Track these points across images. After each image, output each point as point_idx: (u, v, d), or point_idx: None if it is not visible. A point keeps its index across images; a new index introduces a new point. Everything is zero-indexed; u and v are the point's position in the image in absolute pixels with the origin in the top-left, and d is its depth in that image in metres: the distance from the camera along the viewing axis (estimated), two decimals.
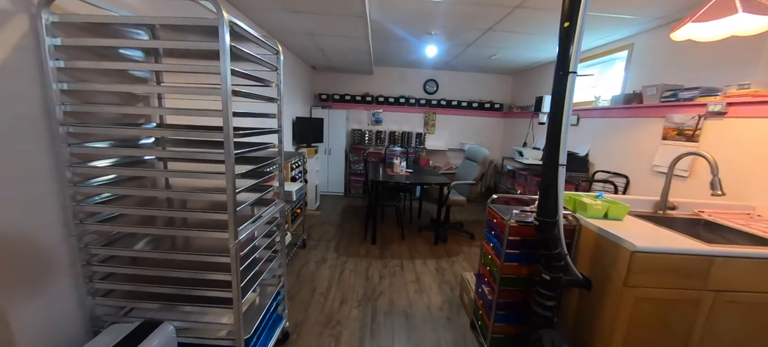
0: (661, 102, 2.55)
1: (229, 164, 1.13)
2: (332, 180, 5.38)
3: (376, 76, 5.51)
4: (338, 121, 5.17)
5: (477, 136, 5.71)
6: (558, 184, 1.41)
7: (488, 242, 1.96)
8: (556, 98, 1.39)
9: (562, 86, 1.37)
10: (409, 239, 3.62)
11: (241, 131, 1.28)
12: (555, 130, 1.39)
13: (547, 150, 1.44)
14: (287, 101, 4.02)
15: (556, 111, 1.39)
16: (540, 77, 4.64)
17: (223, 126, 1.10)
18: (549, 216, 1.44)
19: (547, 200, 1.45)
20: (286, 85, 3.90)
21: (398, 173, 3.68)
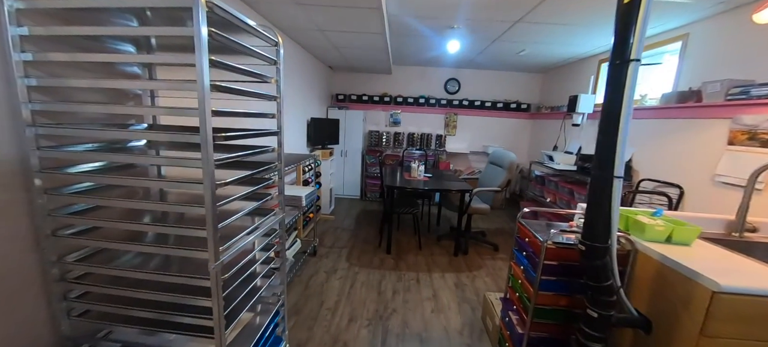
0: (726, 100, 2.16)
1: (207, 171, 0.95)
2: (348, 183, 5.21)
3: (394, 75, 5.30)
4: (355, 122, 5.00)
5: (501, 138, 5.36)
6: (612, 201, 1.13)
7: (518, 263, 1.69)
8: (611, 93, 1.12)
9: (621, 78, 1.10)
10: (427, 249, 3.37)
11: (226, 133, 1.10)
12: (609, 133, 1.12)
13: (597, 158, 1.16)
14: (303, 101, 3.89)
15: (611, 110, 1.11)
16: (573, 74, 4.25)
17: (200, 127, 0.92)
18: (599, 240, 1.17)
19: (596, 220, 1.18)
20: (301, 85, 3.77)
21: (416, 178, 3.44)
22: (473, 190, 3.12)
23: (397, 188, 3.14)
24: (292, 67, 3.47)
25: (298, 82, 3.67)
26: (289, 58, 3.36)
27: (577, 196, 3.17)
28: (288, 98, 3.40)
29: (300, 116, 3.83)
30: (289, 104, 3.43)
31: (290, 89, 3.45)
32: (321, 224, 3.99)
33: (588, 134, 3.71)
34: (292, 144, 3.61)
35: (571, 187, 3.27)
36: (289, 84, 3.42)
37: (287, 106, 3.39)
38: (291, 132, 3.55)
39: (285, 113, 3.29)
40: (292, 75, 3.47)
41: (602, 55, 3.65)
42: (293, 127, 3.63)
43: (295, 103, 3.65)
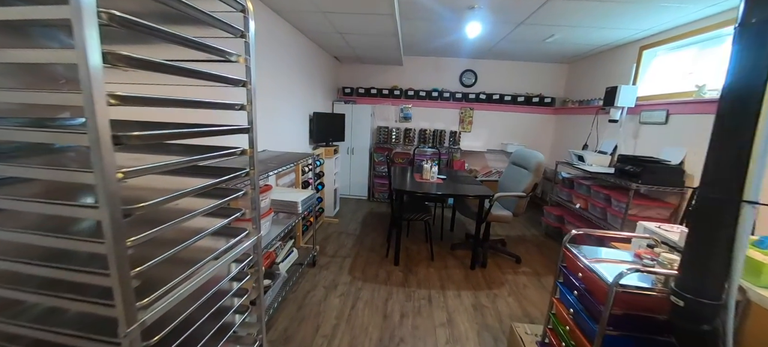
0: None
1: (101, 186, 0.60)
2: (354, 183, 4.87)
3: (406, 67, 4.91)
4: (362, 117, 4.64)
5: (522, 136, 4.91)
6: (737, 238, 0.74)
7: (563, 302, 1.30)
8: (741, 72, 0.72)
9: (761, 48, 0.69)
10: (440, 260, 3.00)
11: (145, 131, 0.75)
12: (735, 134, 0.72)
13: (710, 171, 0.77)
14: (304, 94, 3.55)
15: (739, 98, 0.71)
16: (606, 64, 3.77)
17: (87, 119, 0.57)
18: (707, 293, 0.78)
19: (703, 263, 0.79)
20: (302, 76, 3.43)
21: (428, 180, 3.06)
22: (494, 195, 2.73)
23: (408, 193, 2.77)
24: (292, 56, 3.13)
25: (298, 74, 3.33)
26: (288, 46, 3.02)
27: (615, 204, 2.73)
28: (287, 90, 3.07)
29: (301, 110, 3.50)
30: (288, 97, 3.10)
31: (289, 80, 3.11)
32: (324, 228, 3.67)
33: (627, 131, 3.25)
34: (292, 142, 3.28)
35: (608, 193, 2.84)
36: (288, 75, 3.09)
37: (286, 99, 3.05)
38: (290, 129, 3.22)
39: (281, 107, 2.96)
40: (291, 65, 3.13)
41: (644, 40, 3.17)
42: (293, 123, 3.30)
43: (296, 96, 3.31)
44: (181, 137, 0.87)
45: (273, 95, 2.78)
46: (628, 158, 2.75)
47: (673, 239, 1.26)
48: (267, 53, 2.62)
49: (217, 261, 1.06)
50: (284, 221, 2.21)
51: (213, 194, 1.06)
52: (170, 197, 0.77)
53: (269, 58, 2.67)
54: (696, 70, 2.75)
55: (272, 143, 2.79)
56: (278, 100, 2.89)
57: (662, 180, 2.50)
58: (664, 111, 2.79)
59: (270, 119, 2.75)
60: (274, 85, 2.78)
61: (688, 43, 2.83)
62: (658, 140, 2.86)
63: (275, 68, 2.79)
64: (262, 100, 2.58)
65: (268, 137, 2.72)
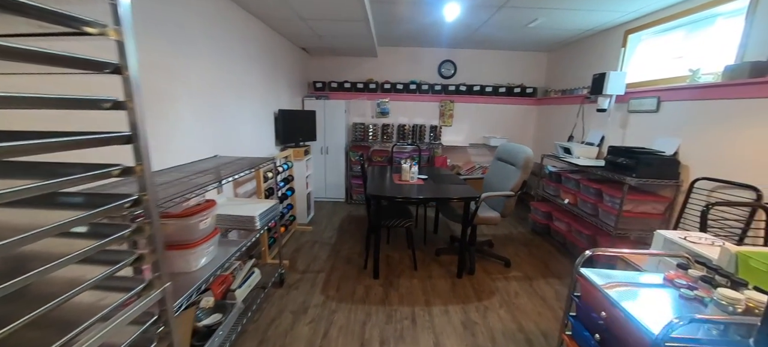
0: None
1: None
2: (330, 185, 4.52)
3: (381, 58, 4.58)
4: (336, 113, 4.28)
5: (504, 128, 4.72)
6: None
7: (575, 339, 1.03)
8: None
9: None
10: (424, 269, 2.72)
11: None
12: None
13: None
14: (266, 90, 3.15)
15: None
16: (588, 51, 3.60)
17: None
18: None
19: None
20: (265, 70, 3.03)
21: (408, 182, 2.77)
22: (481, 196, 2.47)
23: (386, 198, 2.46)
24: (248, 46, 2.73)
25: (257, 67, 2.93)
26: (242, 35, 2.61)
27: (608, 199, 2.55)
28: (244, 86, 2.67)
29: (263, 108, 3.10)
30: (245, 93, 2.70)
31: (246, 75, 2.71)
32: (296, 238, 3.31)
33: (614, 121, 3.08)
34: (253, 144, 2.89)
35: (599, 187, 2.65)
36: (245, 69, 2.69)
37: (243, 96, 2.66)
38: (249, 130, 2.83)
39: (236, 105, 2.55)
40: (247, 57, 2.73)
41: (629, 23, 2.99)
42: (253, 123, 2.90)
43: (255, 92, 2.92)
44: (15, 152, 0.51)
45: (224, 92, 2.38)
46: (619, 149, 2.56)
47: (707, 256, 1.03)
48: (213, 43, 2.22)
49: (107, 323, 0.72)
50: (234, 244, 1.84)
51: (96, 233, 0.72)
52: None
53: (216, 49, 2.26)
54: (686, 54, 2.59)
55: (226, 147, 2.40)
56: (232, 97, 2.49)
57: (658, 173, 2.32)
58: (655, 98, 2.62)
59: (222, 120, 2.36)
60: (225, 80, 2.39)
61: (676, 26, 2.67)
62: (649, 129, 2.70)
63: (226, 60, 2.39)
64: (210, 98, 2.19)
65: (219, 141, 2.33)
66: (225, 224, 1.98)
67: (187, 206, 1.47)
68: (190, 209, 1.46)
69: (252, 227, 1.96)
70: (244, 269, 2.18)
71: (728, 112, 2.09)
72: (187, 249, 1.45)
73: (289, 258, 2.85)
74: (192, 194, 1.37)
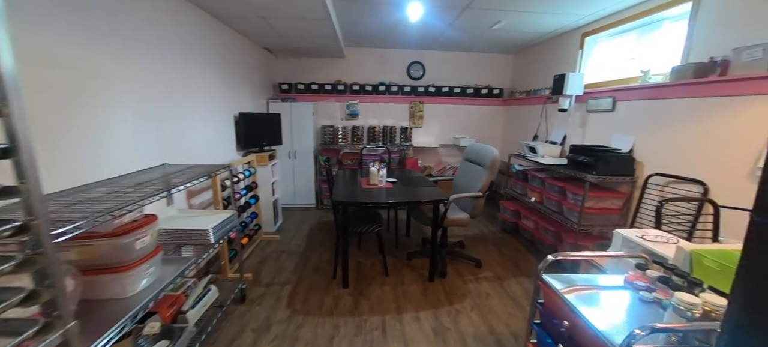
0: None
1: None
2: (300, 190, 4.35)
3: (349, 60, 4.48)
4: (303, 116, 4.13)
5: (473, 129, 4.78)
6: None
7: None
8: None
9: None
10: (395, 275, 2.66)
11: None
12: None
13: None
14: (226, 92, 2.95)
15: None
16: (549, 53, 3.72)
17: None
18: None
19: None
20: (225, 72, 2.84)
21: (376, 185, 2.69)
22: (449, 198, 2.45)
23: (352, 204, 2.37)
24: (204, 45, 2.54)
25: (215, 67, 2.74)
26: (196, 33, 2.42)
27: (571, 196, 2.62)
28: (199, 88, 2.48)
29: (221, 111, 2.91)
30: (200, 96, 2.50)
31: (202, 76, 2.52)
32: (261, 248, 3.13)
33: (575, 120, 3.19)
34: (210, 151, 2.69)
35: (563, 185, 2.72)
36: (200, 70, 2.49)
37: (197, 99, 2.46)
38: (206, 135, 2.63)
39: (188, 108, 2.36)
40: (202, 57, 2.54)
41: (586, 27, 3.12)
42: (210, 127, 2.71)
43: (213, 94, 2.72)
44: None
45: (174, 95, 2.19)
46: (579, 148, 2.64)
47: (664, 255, 1.03)
48: (161, 43, 2.03)
49: None
50: (187, 259, 1.68)
51: None
52: None
53: (164, 49, 2.07)
54: (638, 56, 2.73)
55: (177, 154, 2.20)
56: (184, 100, 2.30)
57: (615, 170, 2.41)
58: (610, 98, 2.73)
59: (171, 125, 2.17)
60: (175, 82, 2.19)
61: (628, 29, 2.81)
62: (606, 128, 2.81)
63: (176, 61, 2.20)
64: (157, 102, 1.99)
65: (168, 148, 2.13)
66: (174, 239, 1.80)
67: (120, 224, 1.30)
68: (124, 226, 1.29)
69: (205, 242, 1.80)
70: (198, 286, 2.00)
71: (676, 110, 2.21)
72: (122, 272, 1.28)
73: (253, 271, 2.68)
74: (125, 209, 1.21)
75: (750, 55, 1.73)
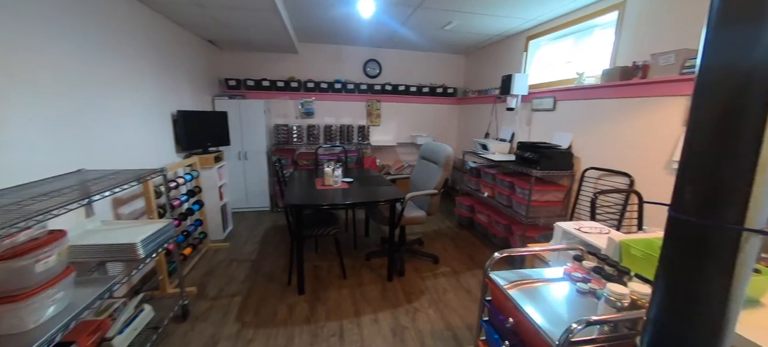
0: (681, 74, 1.86)
1: None
2: (252, 193, 4.10)
3: (302, 55, 4.31)
4: (254, 114, 3.89)
5: (429, 127, 4.87)
6: (734, 281, 0.49)
7: (490, 344, 1.01)
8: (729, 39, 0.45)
9: None
10: (354, 276, 2.61)
11: None
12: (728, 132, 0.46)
13: (690, 186, 0.51)
14: (161, 88, 2.67)
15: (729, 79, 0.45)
16: (498, 55, 3.90)
17: None
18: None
19: (684, 312, 0.53)
20: (159, 65, 2.55)
21: (332, 186, 2.61)
22: (405, 197, 2.45)
23: (306, 206, 2.27)
24: (134, 38, 2.25)
25: (146, 60, 2.46)
26: (126, 27, 2.14)
27: (519, 191, 2.76)
28: (125, 82, 2.19)
29: (155, 109, 2.62)
30: (126, 91, 2.22)
31: (127, 69, 2.24)
32: (207, 259, 2.88)
33: (521, 119, 3.38)
34: (141, 153, 2.41)
35: (512, 180, 2.87)
36: (126, 63, 2.21)
37: (123, 95, 2.18)
38: (135, 136, 2.35)
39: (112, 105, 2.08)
40: (132, 50, 2.25)
41: (530, 30, 3.31)
42: (141, 127, 2.42)
43: (144, 91, 2.44)
44: None
45: (95, 91, 1.91)
46: (526, 144, 2.80)
47: (597, 245, 1.10)
48: (76, 33, 1.75)
49: None
50: (109, 278, 1.47)
51: None
52: None
53: (82, 40, 1.79)
54: (574, 59, 2.95)
55: (97, 158, 1.93)
56: (107, 98, 2.02)
57: (557, 165, 2.59)
58: (551, 98, 2.93)
59: (90, 126, 1.89)
60: (96, 77, 1.91)
61: (566, 34, 3.03)
62: (549, 125, 3.01)
63: (98, 54, 1.92)
64: (71, 99, 1.72)
65: (86, 152, 1.86)
66: (95, 256, 1.57)
67: (13, 244, 1.08)
68: (19, 247, 1.08)
69: (134, 257, 1.59)
70: (129, 307, 1.78)
71: (607, 109, 2.42)
72: (18, 302, 1.07)
73: (197, 284, 2.46)
74: (17, 226, 1.01)
75: (665, 60, 1.94)
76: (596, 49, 2.72)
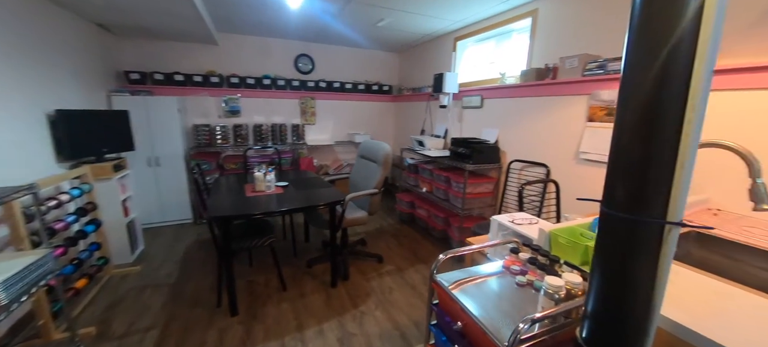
0: (584, 76, 2.13)
1: None
2: (169, 204, 3.56)
3: (224, 47, 3.87)
4: (166, 114, 3.36)
5: (367, 124, 4.84)
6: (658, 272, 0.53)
7: None
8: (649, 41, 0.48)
9: None
10: (294, 287, 2.43)
11: None
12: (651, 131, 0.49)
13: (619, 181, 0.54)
14: (29, 82, 2.10)
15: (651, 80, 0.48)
16: (430, 54, 4.04)
17: None
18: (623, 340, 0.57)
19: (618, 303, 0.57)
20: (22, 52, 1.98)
21: (264, 192, 2.39)
22: (345, 199, 2.36)
23: (235, 218, 2.02)
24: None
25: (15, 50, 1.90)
26: None
27: (455, 185, 2.90)
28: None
29: (23, 109, 2.06)
30: None
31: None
32: (112, 287, 2.40)
33: (453, 116, 3.55)
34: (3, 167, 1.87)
35: (447, 175, 2.99)
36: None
37: None
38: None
39: None
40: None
41: (458, 32, 3.49)
42: (4, 131, 1.88)
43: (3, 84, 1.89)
44: None
45: None
46: (458, 140, 2.94)
47: (529, 236, 1.18)
48: None
49: None
50: None
51: None
52: None
53: None
54: (497, 60, 3.20)
55: None
56: None
57: (487, 158, 2.78)
58: (479, 96, 3.13)
59: None
60: None
61: (489, 36, 3.26)
62: (478, 122, 3.22)
63: None
64: None
65: None
66: None
67: None
68: None
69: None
70: None
71: (526, 106, 2.67)
72: None
73: (98, 321, 2.02)
74: None
75: (570, 63, 2.20)
76: (515, 51, 2.98)
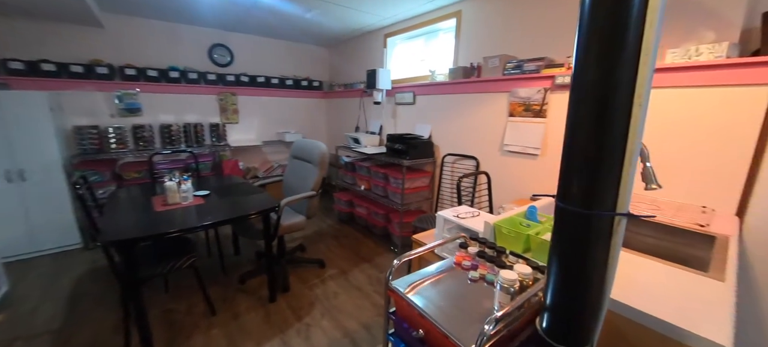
0: (504, 75, 2.33)
1: None
2: (42, 228, 2.81)
3: (112, 31, 3.19)
4: (31, 113, 2.63)
5: (298, 122, 4.57)
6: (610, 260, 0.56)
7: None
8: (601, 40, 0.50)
9: None
10: (226, 309, 2.15)
11: None
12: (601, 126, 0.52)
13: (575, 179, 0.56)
14: None
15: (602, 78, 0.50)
16: (361, 50, 3.99)
17: None
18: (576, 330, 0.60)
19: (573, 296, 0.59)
20: None
21: (179, 204, 2.04)
22: (280, 204, 2.17)
23: (141, 240, 1.67)
24: None
25: None
26: None
27: (393, 181, 2.92)
28: None
29: None
30: None
31: None
32: None
33: (387, 112, 3.57)
34: None
35: (385, 171, 3.00)
36: None
37: None
38: None
39: None
40: None
41: (388, 28, 3.50)
42: None
43: None
44: None
45: None
46: (394, 136, 2.96)
47: (475, 229, 1.22)
48: None
49: None
50: None
51: None
52: None
53: None
54: (426, 57, 3.30)
55: None
56: None
57: (422, 153, 2.86)
58: (411, 93, 3.20)
59: None
60: None
61: (418, 34, 3.35)
62: (411, 118, 3.30)
63: None
64: None
65: None
66: None
67: None
68: None
69: None
70: None
71: (455, 102, 2.82)
72: None
73: None
74: None
75: (492, 63, 2.38)
76: (442, 49, 3.12)
